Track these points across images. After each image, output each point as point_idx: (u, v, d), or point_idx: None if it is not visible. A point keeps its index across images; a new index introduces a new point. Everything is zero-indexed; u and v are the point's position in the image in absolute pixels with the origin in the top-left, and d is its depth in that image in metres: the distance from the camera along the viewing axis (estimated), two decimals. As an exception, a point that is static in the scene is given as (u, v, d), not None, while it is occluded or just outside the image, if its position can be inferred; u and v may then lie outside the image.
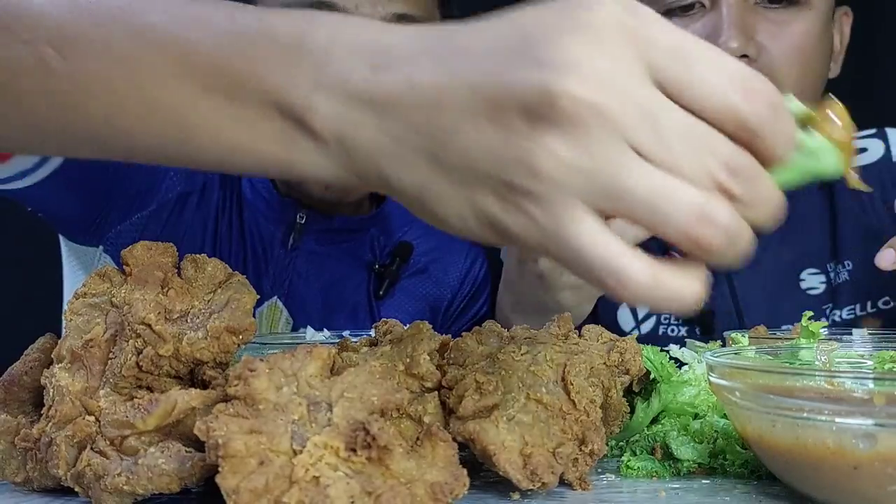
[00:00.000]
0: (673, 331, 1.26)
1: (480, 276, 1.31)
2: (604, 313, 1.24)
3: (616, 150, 0.39)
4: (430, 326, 0.60)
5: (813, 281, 1.22)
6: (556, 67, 0.39)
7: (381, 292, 1.21)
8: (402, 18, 1.05)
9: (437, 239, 1.29)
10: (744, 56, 1.06)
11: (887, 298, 1.22)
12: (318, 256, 1.20)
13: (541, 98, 0.39)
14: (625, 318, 1.27)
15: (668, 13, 1.13)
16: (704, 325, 1.19)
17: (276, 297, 1.17)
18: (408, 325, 0.61)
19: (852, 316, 1.20)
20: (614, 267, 0.40)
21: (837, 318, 1.21)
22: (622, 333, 1.24)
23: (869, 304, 1.21)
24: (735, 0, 1.07)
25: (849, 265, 1.22)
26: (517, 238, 0.42)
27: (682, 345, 0.76)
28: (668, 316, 1.23)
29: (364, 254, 1.24)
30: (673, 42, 0.41)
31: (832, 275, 1.22)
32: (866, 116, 1.19)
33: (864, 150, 1.26)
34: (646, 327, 1.25)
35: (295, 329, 1.15)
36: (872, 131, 1.28)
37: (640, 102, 0.39)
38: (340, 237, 1.21)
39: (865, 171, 1.25)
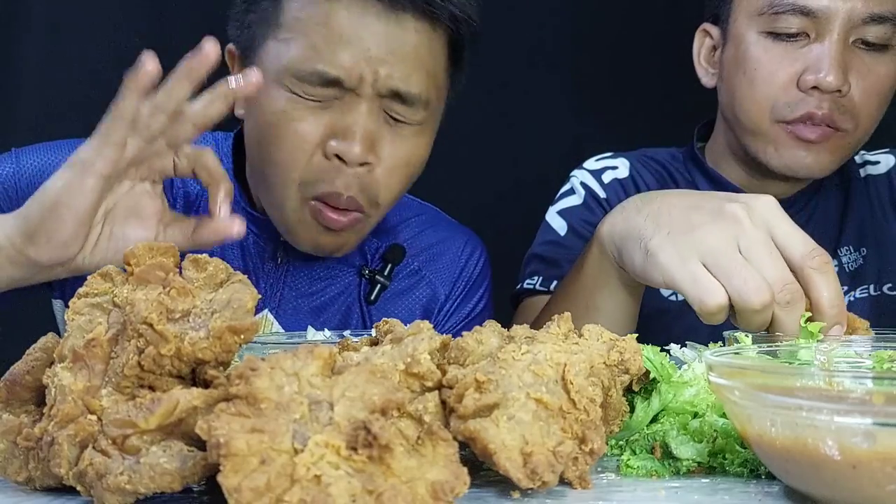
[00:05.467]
0: None
1: (476, 271, 1.30)
2: None
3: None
4: (431, 326, 0.60)
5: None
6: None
7: (372, 297, 1.21)
8: (396, 97, 1.04)
9: (430, 238, 1.29)
10: (837, 91, 1.16)
11: (891, 284, 1.31)
12: (309, 266, 1.20)
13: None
14: None
15: (776, 36, 1.19)
16: None
17: (266, 310, 1.17)
18: (408, 325, 0.61)
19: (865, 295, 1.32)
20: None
21: (852, 299, 1.32)
22: (662, 298, 1.30)
23: (872, 287, 1.32)
24: (839, 38, 1.16)
25: (863, 251, 1.33)
26: None
27: (683, 345, 0.76)
28: None
29: (354, 258, 1.23)
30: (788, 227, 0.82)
31: (844, 259, 1.33)
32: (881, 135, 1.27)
33: (876, 162, 1.40)
34: None
35: None
36: (886, 150, 1.41)
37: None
38: None
39: (876, 180, 1.38)
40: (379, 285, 1.21)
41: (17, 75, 1.92)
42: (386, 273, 1.22)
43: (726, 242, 0.80)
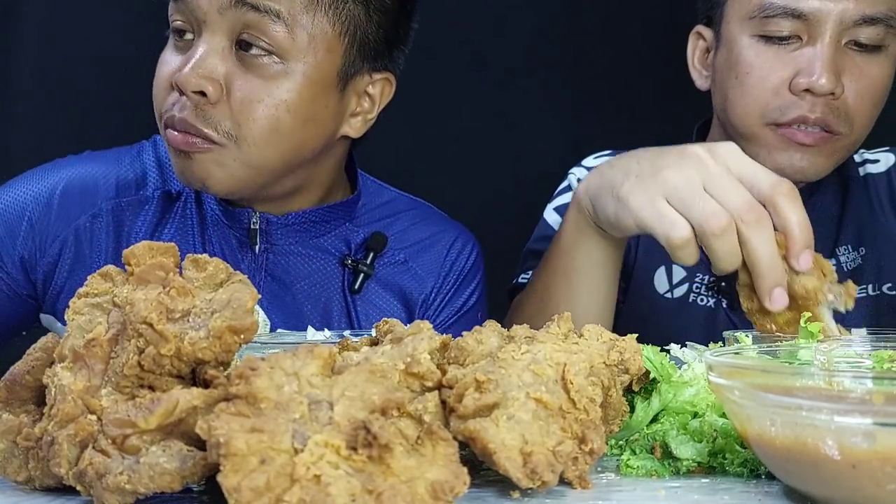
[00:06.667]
0: (703, 300, 1.31)
1: (468, 266, 1.30)
2: (640, 276, 1.30)
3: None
4: (430, 326, 0.60)
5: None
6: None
7: (356, 286, 1.20)
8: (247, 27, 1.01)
9: (421, 233, 1.28)
10: (830, 94, 1.15)
11: (891, 284, 1.30)
12: (290, 255, 1.20)
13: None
14: (660, 280, 1.33)
15: (767, 39, 1.18)
16: (732, 298, 1.26)
17: None
18: (408, 326, 0.61)
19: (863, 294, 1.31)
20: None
21: None
22: (657, 295, 1.30)
23: (871, 286, 1.31)
24: (831, 41, 1.15)
25: (862, 251, 1.33)
26: None
27: (683, 345, 0.76)
28: (699, 284, 1.31)
29: (338, 247, 1.22)
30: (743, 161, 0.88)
31: (843, 259, 1.33)
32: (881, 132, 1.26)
33: (876, 161, 1.39)
34: (678, 292, 1.31)
35: (273, 330, 1.14)
36: (886, 148, 1.40)
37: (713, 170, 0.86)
38: (311, 232, 1.20)
39: (876, 179, 1.37)
40: (362, 275, 1.20)
41: (15, 75, 1.92)
42: (368, 261, 1.21)
43: (689, 179, 0.86)
